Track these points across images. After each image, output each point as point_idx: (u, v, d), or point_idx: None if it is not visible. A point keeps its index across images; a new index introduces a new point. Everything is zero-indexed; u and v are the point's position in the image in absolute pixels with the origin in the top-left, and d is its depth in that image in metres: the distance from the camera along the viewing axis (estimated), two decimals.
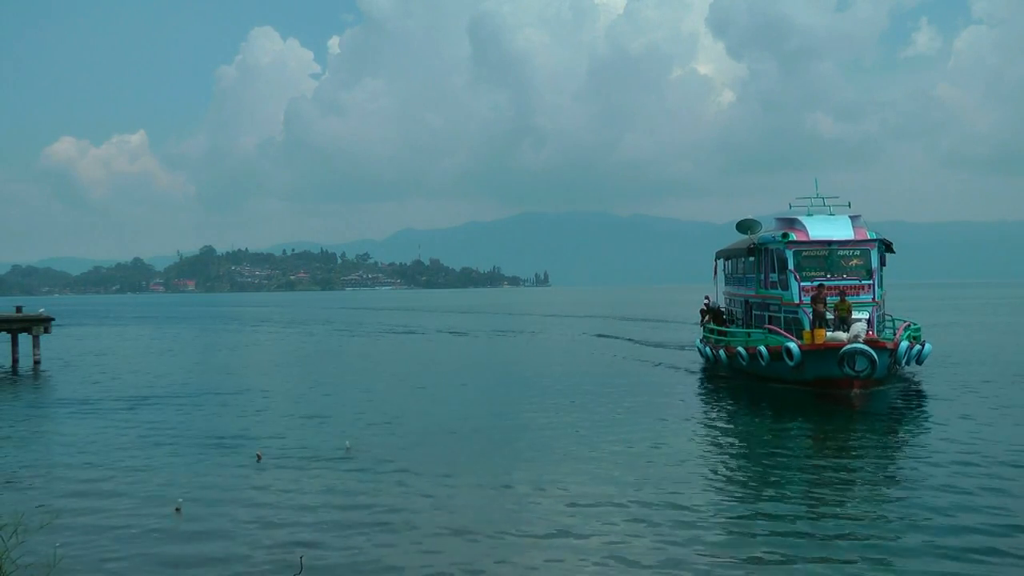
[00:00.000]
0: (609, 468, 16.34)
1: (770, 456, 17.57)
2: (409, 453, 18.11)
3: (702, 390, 28.55)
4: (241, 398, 27.78)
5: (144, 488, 15.58)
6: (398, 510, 13.75)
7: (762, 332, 28.21)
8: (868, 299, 27.10)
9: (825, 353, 24.68)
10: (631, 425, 20.84)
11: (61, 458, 18.49)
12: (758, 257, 29.97)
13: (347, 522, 13.16)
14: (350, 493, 14.84)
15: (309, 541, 12.22)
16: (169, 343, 59.34)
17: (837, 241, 27.64)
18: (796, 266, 27.46)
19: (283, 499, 14.53)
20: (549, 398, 25.93)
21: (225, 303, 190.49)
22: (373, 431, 20.86)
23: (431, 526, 12.91)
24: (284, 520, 13.31)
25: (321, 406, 25.50)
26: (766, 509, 13.53)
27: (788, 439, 19.46)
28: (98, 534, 12.83)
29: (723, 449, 18.73)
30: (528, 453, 17.92)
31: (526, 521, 13.09)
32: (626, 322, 72.55)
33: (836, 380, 24.58)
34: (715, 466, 16.71)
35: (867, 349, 24.00)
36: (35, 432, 22.22)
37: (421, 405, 25.39)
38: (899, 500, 13.89)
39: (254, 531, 12.81)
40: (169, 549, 12.10)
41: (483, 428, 21.15)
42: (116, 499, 14.86)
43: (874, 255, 27.75)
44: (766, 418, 22.37)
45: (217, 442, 19.80)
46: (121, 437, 20.80)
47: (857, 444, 18.70)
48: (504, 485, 15.32)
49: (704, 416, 22.85)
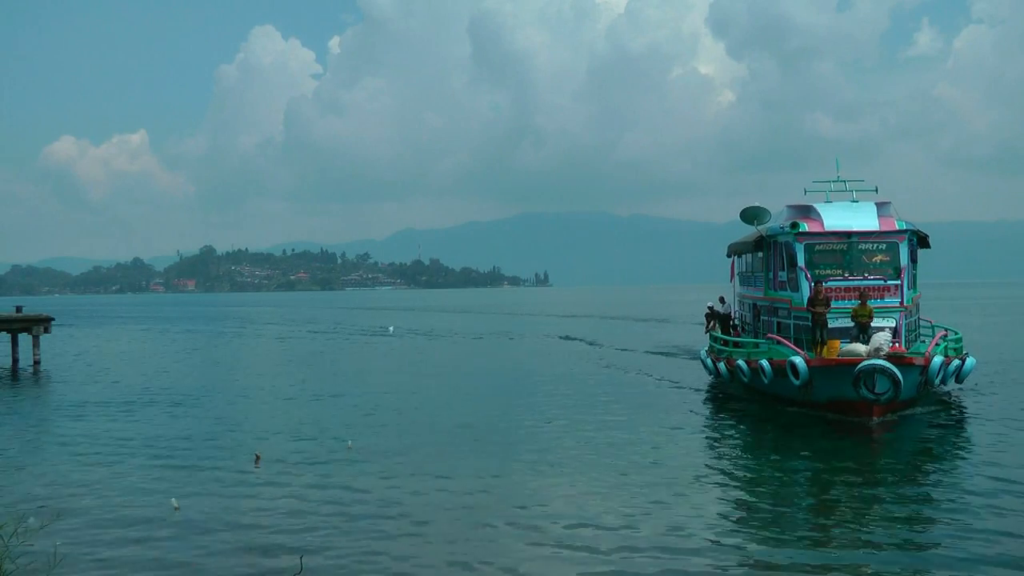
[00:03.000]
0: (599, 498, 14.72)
1: (736, 529, 12.47)
2: (410, 454, 18.08)
3: (693, 415, 22.68)
4: (241, 398, 27.76)
5: (143, 488, 15.55)
6: (399, 511, 13.72)
7: (767, 343, 24.12)
8: (895, 303, 22.66)
9: (838, 370, 20.14)
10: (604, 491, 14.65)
11: (61, 458, 18.46)
12: (766, 252, 25.61)
13: (347, 523, 13.12)
14: (350, 494, 14.80)
15: (309, 542, 12.18)
16: (169, 343, 59.33)
17: (858, 232, 23.06)
18: (808, 263, 23.13)
19: (283, 499, 14.50)
20: (547, 401, 25.91)
21: (224, 303, 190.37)
22: (374, 431, 20.84)
23: (432, 527, 12.88)
24: (284, 521, 13.28)
25: (321, 406, 25.48)
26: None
27: (778, 484, 15.30)
28: (98, 534, 12.80)
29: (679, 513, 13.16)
30: (529, 454, 17.89)
31: (527, 522, 13.07)
32: (626, 322, 72.48)
33: (852, 404, 20.05)
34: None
35: (888, 366, 19.32)
36: (35, 432, 22.19)
37: (422, 406, 25.36)
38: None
39: (254, 532, 12.78)
40: (169, 549, 12.07)
41: (484, 429, 21.15)
42: (116, 499, 14.84)
43: (903, 249, 23.18)
44: (753, 456, 18.08)
45: (216, 443, 19.77)
46: (121, 437, 20.77)
47: (871, 493, 14.19)
48: (505, 486, 15.31)
49: (673, 460, 16.89)
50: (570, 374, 32.90)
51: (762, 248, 25.86)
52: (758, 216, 26.46)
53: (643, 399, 25.61)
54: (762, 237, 25.38)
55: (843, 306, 22.25)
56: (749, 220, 26.63)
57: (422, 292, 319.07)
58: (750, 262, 28.44)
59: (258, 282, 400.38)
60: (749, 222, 26.67)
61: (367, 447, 18.73)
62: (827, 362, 20.63)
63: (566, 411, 23.24)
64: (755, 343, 24.90)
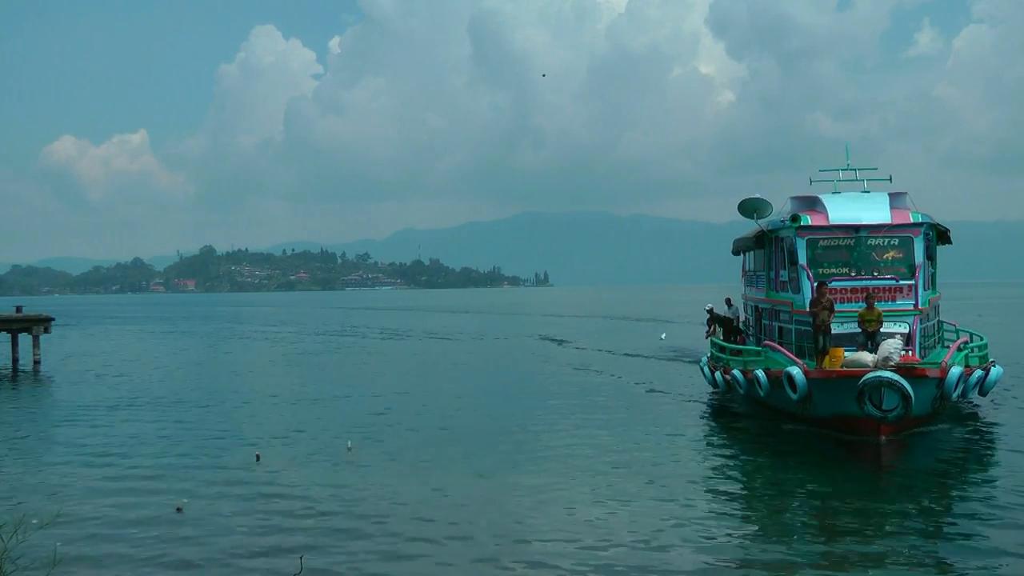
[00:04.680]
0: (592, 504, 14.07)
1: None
2: (410, 454, 18.08)
3: (687, 432, 19.90)
4: (241, 398, 27.77)
5: (144, 488, 15.55)
6: (398, 511, 13.73)
7: (764, 351, 21.96)
8: (908, 305, 20.14)
9: (839, 383, 17.63)
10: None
11: (61, 458, 18.46)
12: (767, 249, 23.35)
13: (347, 523, 13.13)
14: (350, 494, 14.81)
15: (309, 542, 12.19)
16: (169, 343, 59.34)
17: (867, 226, 20.60)
18: (810, 260, 20.75)
19: (283, 500, 14.50)
20: (549, 403, 25.91)
21: (225, 303, 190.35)
22: (374, 432, 20.85)
23: (432, 527, 12.88)
24: (284, 521, 13.28)
25: (321, 407, 25.47)
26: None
27: (764, 519, 13.21)
28: (98, 534, 12.80)
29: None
30: (529, 456, 17.92)
31: (527, 522, 13.09)
32: (625, 322, 72.50)
33: (857, 421, 17.51)
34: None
35: (897, 379, 16.66)
36: (35, 432, 22.18)
37: (422, 406, 25.35)
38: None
39: (254, 531, 12.78)
40: (169, 549, 12.06)
41: (485, 430, 21.15)
42: (116, 499, 14.83)
43: (918, 245, 20.70)
44: (743, 476, 15.96)
45: (217, 442, 19.78)
46: (120, 437, 20.78)
47: (872, 533, 12.00)
48: (505, 487, 15.33)
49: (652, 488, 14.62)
50: (566, 381, 32.84)
51: (763, 244, 23.57)
52: (758, 209, 23.78)
53: (630, 415, 22.18)
54: (763, 232, 23.07)
55: (850, 309, 19.74)
56: (748, 213, 24.14)
57: (422, 292, 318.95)
58: (752, 260, 26.25)
59: (258, 282, 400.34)
60: (748, 215, 24.25)
61: (367, 448, 18.73)
62: (827, 374, 18.07)
63: (562, 417, 23.15)
64: (753, 351, 22.69)
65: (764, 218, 23.74)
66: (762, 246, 23.76)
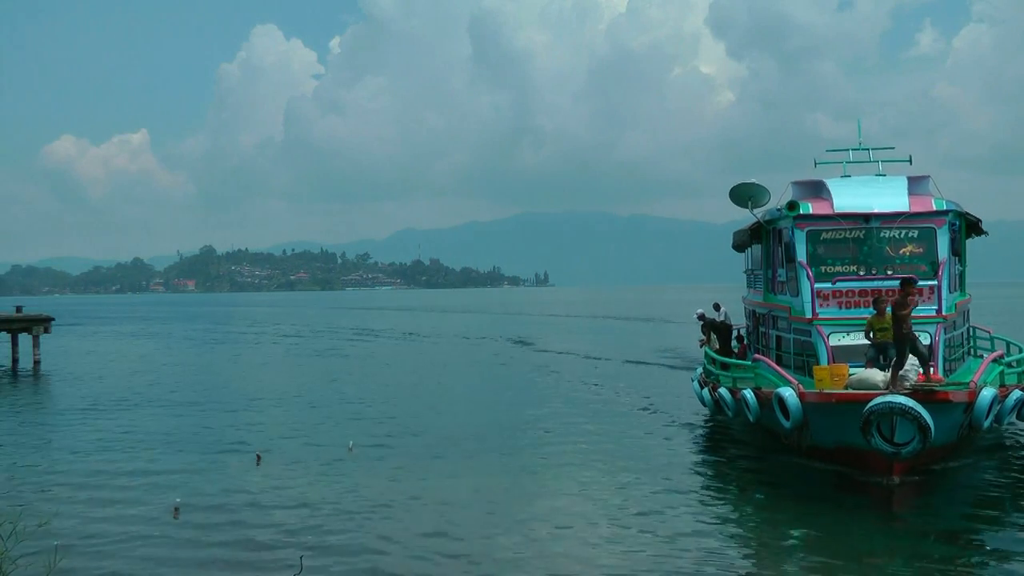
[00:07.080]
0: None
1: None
2: (411, 454, 18.08)
3: (673, 477, 15.69)
4: (241, 399, 27.76)
5: (143, 488, 15.54)
6: (398, 511, 13.73)
7: (756, 365, 18.30)
8: (930, 311, 16.25)
9: (840, 408, 13.86)
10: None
11: (60, 458, 18.45)
12: (764, 244, 19.85)
13: (347, 523, 13.12)
14: (351, 494, 14.80)
15: (309, 542, 12.18)
16: (170, 343, 59.33)
17: (879, 215, 16.91)
18: (811, 256, 17.08)
19: (283, 500, 14.49)
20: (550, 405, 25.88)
21: (224, 303, 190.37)
22: (375, 432, 20.82)
23: (433, 528, 12.87)
24: (284, 521, 13.26)
25: (321, 407, 25.45)
26: None
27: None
28: (97, 534, 12.79)
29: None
30: (529, 456, 17.91)
31: (527, 522, 13.08)
32: (627, 323, 72.46)
33: (864, 455, 13.66)
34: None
35: (912, 405, 12.72)
36: (34, 432, 22.18)
37: (422, 407, 25.36)
38: None
39: (254, 532, 12.76)
40: (168, 550, 12.06)
41: (485, 431, 21.13)
42: (115, 499, 14.82)
43: (942, 238, 16.99)
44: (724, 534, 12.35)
45: (216, 443, 19.78)
46: (120, 437, 20.77)
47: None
48: (505, 487, 15.32)
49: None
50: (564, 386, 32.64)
51: (760, 238, 20.07)
52: (753, 196, 18.97)
53: (602, 444, 18.61)
54: (760, 224, 19.29)
55: (858, 316, 16.23)
56: (741, 201, 19.09)
57: (422, 292, 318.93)
58: (749, 257, 22.83)
59: (258, 282, 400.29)
60: (742, 204, 19.11)
61: (367, 448, 18.70)
62: (826, 397, 14.25)
63: (562, 420, 23.14)
64: (742, 366, 19.08)
65: (760, 207, 19.15)
66: (759, 240, 20.33)
